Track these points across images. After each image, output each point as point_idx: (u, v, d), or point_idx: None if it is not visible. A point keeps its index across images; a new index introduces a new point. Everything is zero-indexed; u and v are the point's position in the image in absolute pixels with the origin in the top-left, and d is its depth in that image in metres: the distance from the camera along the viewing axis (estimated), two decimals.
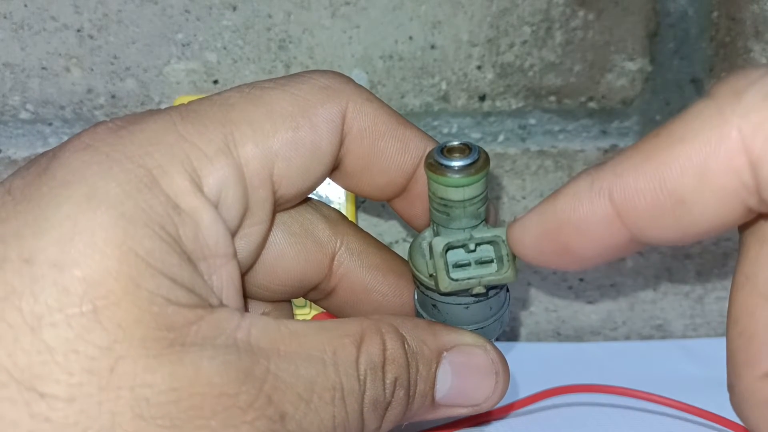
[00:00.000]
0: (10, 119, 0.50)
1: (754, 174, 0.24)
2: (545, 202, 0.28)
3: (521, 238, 0.29)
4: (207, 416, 0.26)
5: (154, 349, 0.26)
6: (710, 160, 0.24)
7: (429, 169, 0.31)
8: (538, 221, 0.28)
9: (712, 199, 0.24)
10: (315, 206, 0.35)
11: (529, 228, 0.29)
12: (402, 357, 0.31)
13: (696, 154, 0.24)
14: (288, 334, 0.29)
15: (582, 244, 0.27)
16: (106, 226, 0.26)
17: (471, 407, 0.33)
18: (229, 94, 0.31)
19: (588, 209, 0.26)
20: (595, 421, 0.43)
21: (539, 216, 0.28)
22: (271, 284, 0.34)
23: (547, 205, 0.28)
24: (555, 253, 0.28)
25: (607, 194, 0.26)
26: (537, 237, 0.28)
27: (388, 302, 0.36)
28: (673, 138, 0.25)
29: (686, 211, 0.25)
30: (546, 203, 0.28)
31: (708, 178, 0.24)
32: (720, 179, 0.24)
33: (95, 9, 0.48)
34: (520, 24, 0.49)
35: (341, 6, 0.48)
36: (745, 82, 0.24)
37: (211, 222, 0.28)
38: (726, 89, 0.24)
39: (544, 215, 0.28)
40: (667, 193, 0.25)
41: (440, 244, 0.32)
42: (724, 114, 0.24)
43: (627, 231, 0.26)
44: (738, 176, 0.24)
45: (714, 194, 0.24)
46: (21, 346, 0.25)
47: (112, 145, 0.28)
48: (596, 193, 0.26)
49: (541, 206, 0.28)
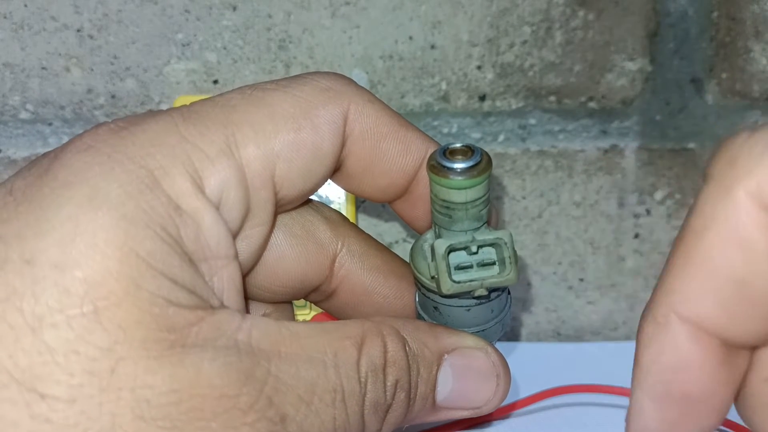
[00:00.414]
0: (10, 119, 0.50)
1: None
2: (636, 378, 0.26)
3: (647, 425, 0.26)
4: (207, 418, 0.26)
5: (155, 351, 0.26)
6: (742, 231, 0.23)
7: (431, 171, 0.31)
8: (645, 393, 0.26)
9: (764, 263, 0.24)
10: (316, 208, 0.35)
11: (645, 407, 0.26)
12: (403, 359, 0.31)
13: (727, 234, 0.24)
14: (289, 335, 0.29)
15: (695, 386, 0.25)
16: (107, 227, 0.26)
17: (472, 410, 0.33)
18: (231, 96, 0.31)
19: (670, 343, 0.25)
20: (595, 421, 0.43)
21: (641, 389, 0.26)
22: (272, 285, 0.34)
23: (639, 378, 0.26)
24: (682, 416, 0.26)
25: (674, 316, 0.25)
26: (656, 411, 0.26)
27: (389, 304, 0.36)
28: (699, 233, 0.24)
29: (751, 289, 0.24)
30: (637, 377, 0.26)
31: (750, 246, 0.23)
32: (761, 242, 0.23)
33: (95, 9, 0.48)
34: (520, 24, 0.49)
35: (341, 6, 0.48)
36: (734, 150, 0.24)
37: (212, 223, 0.28)
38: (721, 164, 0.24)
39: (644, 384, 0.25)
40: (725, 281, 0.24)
41: (442, 246, 0.32)
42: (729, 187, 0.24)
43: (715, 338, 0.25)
44: None
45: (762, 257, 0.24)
46: (22, 346, 0.25)
47: (114, 146, 0.28)
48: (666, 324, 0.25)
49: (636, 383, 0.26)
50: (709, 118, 0.52)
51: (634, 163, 0.52)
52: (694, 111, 0.52)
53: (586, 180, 0.52)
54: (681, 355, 0.25)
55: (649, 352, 0.25)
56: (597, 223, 0.53)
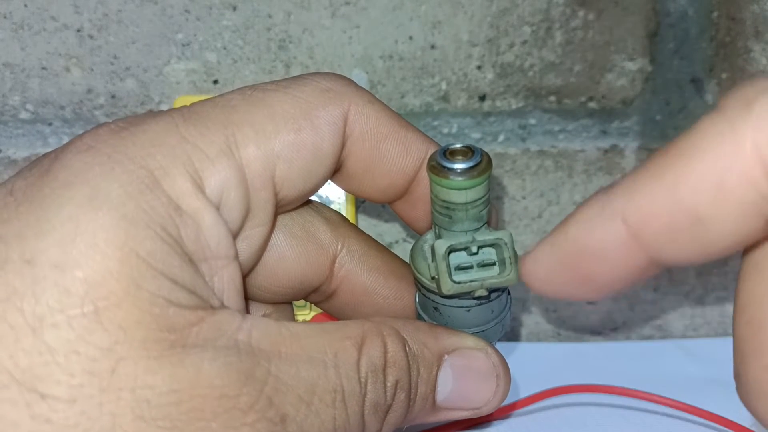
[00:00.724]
0: (10, 119, 0.50)
1: None
2: (556, 231, 0.27)
3: (535, 272, 0.28)
4: (208, 418, 0.26)
5: (155, 351, 0.26)
6: (726, 175, 0.23)
7: (432, 172, 0.31)
8: (551, 252, 0.27)
9: (731, 214, 0.23)
10: (316, 208, 0.35)
11: (543, 260, 0.27)
12: (403, 360, 0.31)
13: (710, 170, 0.23)
14: (289, 336, 0.29)
15: (599, 271, 0.26)
16: (107, 228, 0.26)
17: (471, 410, 0.33)
18: (231, 96, 0.31)
19: (602, 234, 0.25)
20: (595, 421, 0.43)
21: (551, 246, 0.27)
22: (272, 286, 0.34)
23: (558, 234, 0.27)
24: (573, 283, 0.27)
25: (620, 217, 0.25)
26: (552, 268, 0.27)
27: (389, 305, 0.36)
28: (685, 154, 0.24)
29: (705, 228, 0.24)
30: (557, 232, 0.27)
31: (725, 193, 0.23)
32: (737, 193, 0.23)
33: (95, 9, 0.48)
34: (520, 24, 0.49)
35: (341, 6, 0.48)
36: (753, 91, 0.23)
37: (212, 223, 0.28)
38: (735, 101, 0.23)
39: (557, 245, 0.27)
40: (684, 211, 0.24)
41: (442, 246, 0.32)
42: (735, 126, 0.23)
43: (644, 253, 0.25)
44: (756, 188, 0.23)
45: (732, 209, 0.23)
46: (22, 347, 0.25)
47: (114, 146, 0.28)
48: (609, 217, 0.25)
49: (551, 236, 0.27)
50: None
51: (634, 163, 0.52)
52: (694, 111, 0.52)
53: (586, 180, 0.52)
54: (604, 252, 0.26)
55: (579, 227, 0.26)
56: None
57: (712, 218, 0.24)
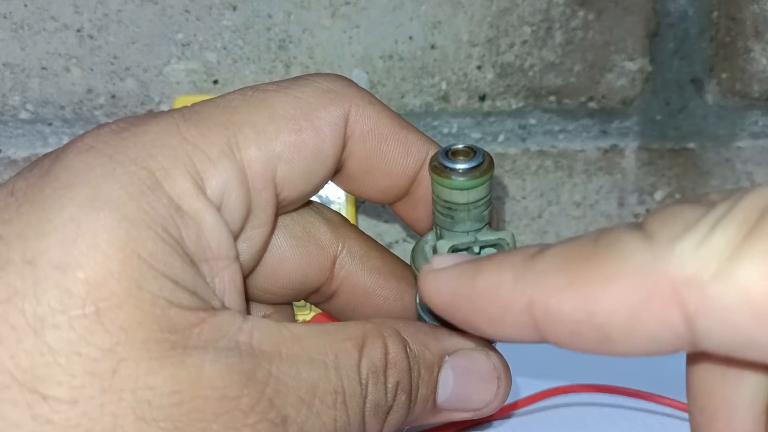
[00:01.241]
0: (10, 119, 0.50)
1: (689, 328, 0.22)
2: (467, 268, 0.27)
3: (435, 291, 0.28)
4: (209, 419, 0.26)
5: (156, 352, 0.26)
6: (642, 310, 0.22)
7: (434, 172, 0.31)
8: (455, 283, 0.27)
9: (641, 342, 0.23)
10: (317, 209, 0.35)
11: (444, 285, 0.27)
12: (404, 361, 0.31)
13: (626, 300, 0.23)
14: (290, 337, 0.28)
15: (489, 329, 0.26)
16: (108, 228, 0.26)
17: (472, 412, 0.33)
18: (232, 97, 0.31)
19: (505, 307, 0.25)
20: (595, 421, 0.43)
21: (457, 278, 0.27)
22: (272, 287, 0.34)
23: (468, 270, 0.26)
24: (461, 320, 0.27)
25: (528, 303, 0.24)
26: (449, 297, 0.27)
27: (389, 306, 0.36)
28: (604, 275, 0.23)
29: (610, 345, 0.23)
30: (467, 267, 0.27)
31: (638, 325, 0.23)
32: (651, 328, 0.23)
33: (95, 9, 0.48)
34: (520, 24, 0.49)
35: (341, 6, 0.48)
36: (680, 226, 0.23)
37: (213, 224, 0.28)
38: (662, 232, 0.23)
39: (462, 283, 0.26)
40: (592, 327, 0.23)
41: (445, 246, 0.32)
42: (658, 261, 0.22)
43: (540, 337, 0.25)
44: (671, 328, 0.22)
45: (643, 339, 0.23)
46: (23, 347, 0.25)
47: (115, 147, 0.28)
48: (517, 296, 0.25)
49: (462, 268, 0.27)
50: (709, 118, 0.52)
51: (634, 163, 0.52)
52: (694, 111, 0.52)
53: (586, 180, 0.52)
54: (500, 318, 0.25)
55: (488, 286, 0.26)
56: (597, 223, 0.53)
57: (620, 341, 0.23)
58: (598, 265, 0.23)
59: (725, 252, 0.21)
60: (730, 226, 0.22)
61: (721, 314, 0.21)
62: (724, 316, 0.21)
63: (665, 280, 0.22)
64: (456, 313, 0.27)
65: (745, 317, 0.21)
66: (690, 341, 0.22)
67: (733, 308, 0.21)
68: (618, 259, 0.23)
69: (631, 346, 0.23)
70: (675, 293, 0.22)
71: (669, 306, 0.22)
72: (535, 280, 0.24)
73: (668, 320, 0.22)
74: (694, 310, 0.22)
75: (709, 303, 0.21)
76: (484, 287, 0.26)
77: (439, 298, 0.27)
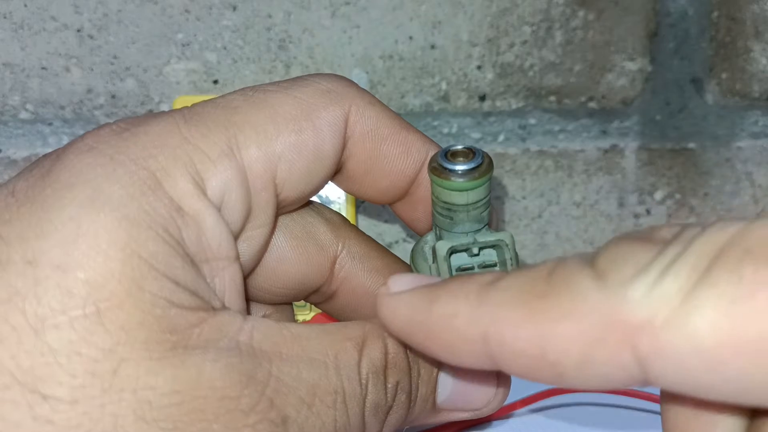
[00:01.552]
0: (10, 119, 0.50)
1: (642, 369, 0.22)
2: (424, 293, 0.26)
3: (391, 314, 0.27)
4: (209, 419, 0.26)
5: (157, 352, 0.26)
6: (594, 351, 0.22)
7: (433, 173, 0.31)
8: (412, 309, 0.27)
9: (594, 380, 0.23)
10: (317, 209, 0.35)
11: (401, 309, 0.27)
12: (404, 361, 0.31)
13: (579, 341, 0.22)
14: (290, 337, 0.29)
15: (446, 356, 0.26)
16: (109, 229, 0.26)
17: (472, 411, 0.33)
18: (233, 97, 0.31)
19: (460, 337, 0.25)
20: (595, 421, 0.43)
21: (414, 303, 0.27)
22: (272, 287, 0.34)
23: (424, 296, 0.26)
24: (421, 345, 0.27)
25: (482, 335, 0.24)
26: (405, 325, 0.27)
27: None
28: (558, 313, 0.23)
29: (564, 380, 0.23)
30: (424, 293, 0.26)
31: (591, 365, 0.23)
32: (603, 368, 0.23)
33: (95, 9, 0.48)
34: (520, 24, 0.49)
35: (341, 6, 0.48)
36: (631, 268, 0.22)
37: (213, 224, 0.28)
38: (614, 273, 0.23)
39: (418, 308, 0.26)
40: (546, 363, 0.23)
41: (444, 247, 0.32)
42: (610, 304, 0.22)
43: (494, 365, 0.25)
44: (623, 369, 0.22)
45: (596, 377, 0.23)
46: (24, 348, 0.25)
47: (116, 147, 0.28)
48: (473, 328, 0.25)
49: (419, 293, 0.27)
50: (709, 118, 0.52)
51: (634, 163, 0.52)
52: (694, 111, 0.52)
53: (586, 180, 0.52)
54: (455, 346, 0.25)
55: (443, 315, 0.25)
56: (597, 223, 0.53)
57: (573, 378, 0.23)
58: (552, 303, 0.23)
59: (677, 298, 0.21)
60: (682, 271, 0.22)
61: (672, 359, 0.21)
62: (676, 361, 0.21)
63: (617, 323, 0.22)
64: (412, 339, 0.27)
65: (695, 363, 0.21)
66: (643, 381, 0.22)
67: (684, 354, 0.21)
68: (570, 299, 0.23)
69: (584, 383, 0.23)
70: (627, 336, 0.22)
71: (621, 348, 0.22)
72: (490, 313, 0.24)
73: (620, 361, 0.22)
74: (646, 353, 0.22)
75: (660, 348, 0.21)
76: (439, 316, 0.26)
77: (395, 322, 0.27)
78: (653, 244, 0.23)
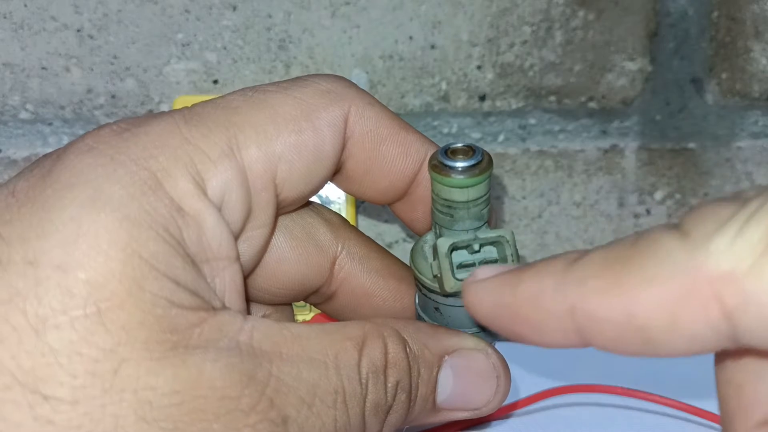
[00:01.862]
0: (10, 119, 0.50)
1: (730, 324, 0.22)
2: (508, 277, 0.27)
3: (478, 301, 0.28)
4: (209, 419, 0.26)
5: (158, 352, 0.26)
6: (681, 310, 0.23)
7: (433, 170, 0.31)
8: (497, 293, 0.27)
9: (682, 342, 0.23)
10: (316, 210, 0.35)
11: (487, 295, 0.28)
12: (404, 360, 0.31)
13: (666, 301, 0.23)
14: (290, 337, 0.29)
15: (532, 336, 0.26)
16: (110, 229, 0.26)
17: (472, 411, 0.33)
18: (233, 98, 0.31)
19: (547, 314, 0.25)
20: (595, 421, 0.43)
21: (499, 288, 0.27)
22: (272, 287, 0.34)
23: (509, 280, 0.27)
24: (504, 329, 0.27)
25: (569, 308, 0.25)
26: (492, 306, 0.27)
27: (388, 307, 0.36)
28: (643, 276, 0.23)
29: (653, 346, 0.24)
30: (508, 277, 0.27)
31: (679, 325, 0.23)
32: (691, 327, 0.23)
33: (95, 9, 0.48)
34: (520, 24, 0.49)
35: (341, 6, 0.48)
36: (714, 223, 0.23)
37: (214, 224, 0.28)
38: (697, 230, 0.23)
39: (503, 292, 0.27)
40: (634, 330, 0.24)
41: (445, 244, 0.32)
42: (695, 260, 0.23)
43: (582, 341, 0.25)
44: (711, 326, 0.23)
45: (684, 338, 0.23)
46: (25, 348, 0.25)
47: (117, 147, 0.28)
48: (559, 303, 0.25)
49: (503, 278, 0.27)
50: (709, 118, 0.52)
51: (634, 163, 0.52)
52: (694, 111, 0.52)
53: (586, 180, 0.52)
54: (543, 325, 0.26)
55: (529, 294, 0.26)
56: (597, 223, 0.53)
57: (662, 342, 0.23)
58: (637, 267, 0.24)
59: (759, 246, 0.22)
60: (763, 221, 0.22)
61: (759, 309, 0.22)
62: (762, 311, 0.22)
63: (702, 278, 0.22)
64: (499, 323, 0.27)
65: None
66: (731, 337, 0.23)
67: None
68: (655, 260, 0.23)
69: (673, 347, 0.23)
70: (713, 290, 0.22)
71: (708, 304, 0.22)
72: (576, 286, 0.25)
73: (708, 318, 0.22)
74: (733, 306, 0.22)
75: (746, 298, 0.22)
76: (525, 296, 0.26)
77: (482, 308, 0.28)
78: (736, 202, 0.23)
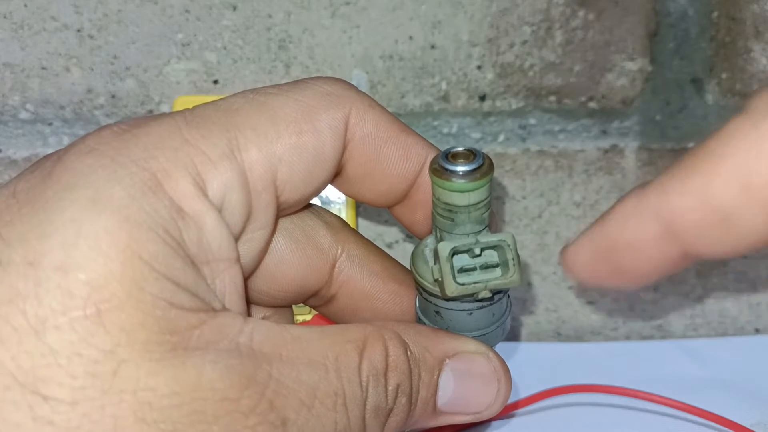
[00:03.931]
0: (10, 119, 0.50)
1: None
2: (595, 225, 0.28)
3: (575, 262, 0.29)
4: (209, 421, 0.26)
5: (157, 353, 0.26)
6: (751, 177, 0.24)
7: (434, 175, 0.31)
8: (590, 244, 0.29)
9: (758, 213, 0.24)
10: (317, 212, 0.35)
11: (582, 251, 0.29)
12: (404, 364, 0.31)
13: (736, 172, 0.24)
14: (290, 339, 0.29)
15: (635, 263, 0.28)
16: (110, 230, 0.26)
17: (472, 415, 0.33)
18: (234, 100, 0.31)
19: (636, 229, 0.27)
20: (595, 421, 0.43)
21: (590, 239, 0.29)
22: (271, 290, 0.34)
23: (596, 227, 0.28)
24: (610, 274, 0.28)
25: (654, 213, 0.26)
26: (590, 260, 0.29)
27: (388, 309, 0.36)
28: (712, 156, 0.25)
29: (733, 226, 0.25)
30: (596, 226, 0.28)
31: (751, 193, 0.24)
32: (763, 194, 0.24)
33: (95, 9, 0.48)
34: (520, 24, 0.49)
35: (341, 6, 0.48)
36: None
37: (214, 226, 0.28)
38: (760, 103, 0.24)
39: (595, 238, 0.28)
40: (712, 210, 0.25)
41: (446, 248, 0.32)
42: (759, 129, 0.24)
43: (677, 247, 0.26)
44: None
45: (758, 209, 0.24)
46: (25, 348, 0.25)
47: (117, 148, 0.28)
48: (643, 213, 0.26)
49: (591, 229, 0.29)
50: (709, 118, 0.52)
51: (634, 163, 0.52)
52: (694, 111, 0.52)
53: (586, 180, 0.52)
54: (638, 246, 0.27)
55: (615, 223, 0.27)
56: None
57: (739, 217, 0.24)
58: (706, 153, 0.25)
59: None
60: None
61: None
62: None
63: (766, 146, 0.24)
64: (600, 270, 0.28)
65: None
66: None
67: None
68: (722, 140, 0.25)
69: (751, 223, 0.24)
70: None
71: None
72: (655, 191, 0.26)
73: None
74: None
75: None
76: (613, 228, 0.27)
77: (581, 262, 0.29)
78: None
